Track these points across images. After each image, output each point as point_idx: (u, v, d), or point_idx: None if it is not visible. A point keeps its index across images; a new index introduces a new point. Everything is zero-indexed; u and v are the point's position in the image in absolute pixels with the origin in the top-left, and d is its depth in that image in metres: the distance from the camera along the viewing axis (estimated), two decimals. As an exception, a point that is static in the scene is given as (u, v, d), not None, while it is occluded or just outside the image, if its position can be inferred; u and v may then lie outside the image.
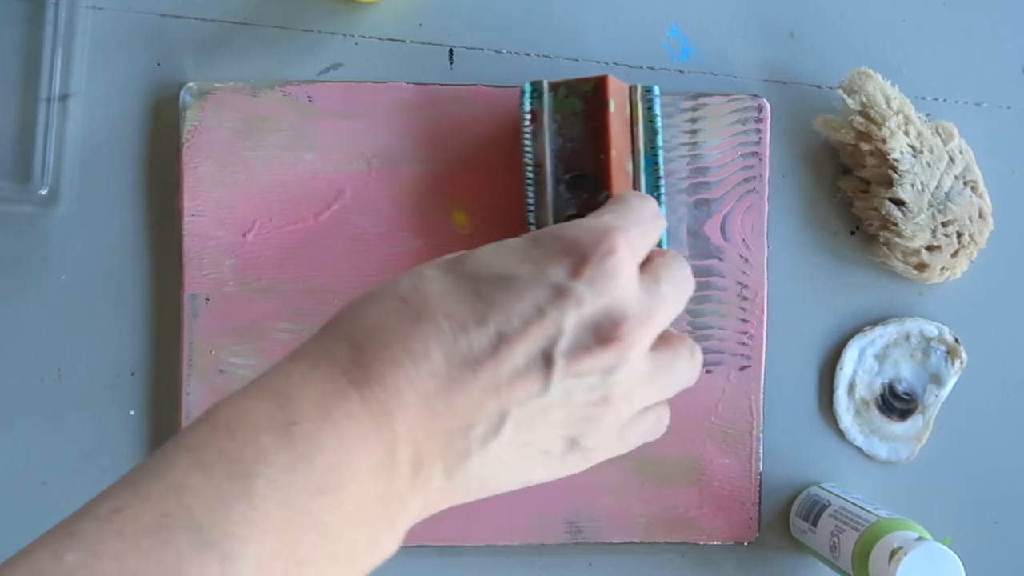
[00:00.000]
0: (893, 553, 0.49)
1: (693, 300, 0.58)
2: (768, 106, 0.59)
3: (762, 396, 0.59)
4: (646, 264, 0.44)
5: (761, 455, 0.59)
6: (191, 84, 0.57)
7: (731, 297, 0.59)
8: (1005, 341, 0.61)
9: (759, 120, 0.58)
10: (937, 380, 0.60)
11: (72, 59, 0.57)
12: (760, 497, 0.59)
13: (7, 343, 0.58)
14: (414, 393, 0.38)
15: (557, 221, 0.51)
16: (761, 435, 0.59)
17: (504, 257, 0.41)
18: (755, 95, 0.59)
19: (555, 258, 0.40)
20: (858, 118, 0.57)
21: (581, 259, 0.40)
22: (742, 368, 0.59)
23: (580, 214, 0.50)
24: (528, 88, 0.52)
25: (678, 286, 0.44)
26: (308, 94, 0.57)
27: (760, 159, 0.59)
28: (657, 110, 0.53)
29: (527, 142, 0.52)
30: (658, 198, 0.52)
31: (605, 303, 0.40)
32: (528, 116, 0.52)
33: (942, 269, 0.59)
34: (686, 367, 0.45)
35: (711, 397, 0.58)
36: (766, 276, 0.59)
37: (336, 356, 0.38)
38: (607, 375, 0.40)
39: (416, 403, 0.38)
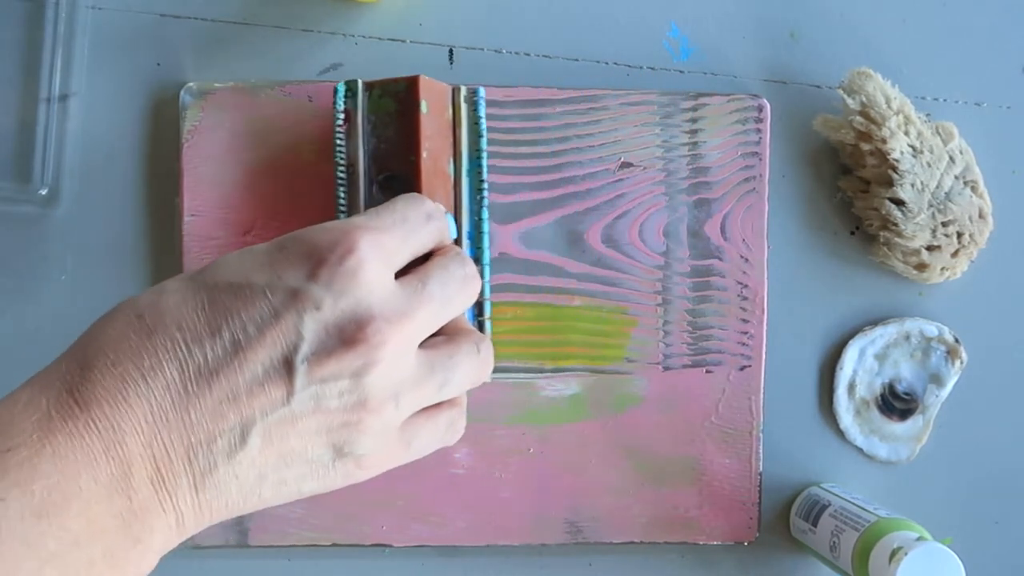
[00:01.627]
0: (893, 553, 0.49)
1: (693, 300, 0.58)
2: (768, 106, 0.59)
3: (762, 396, 0.59)
4: (420, 263, 0.43)
5: (761, 455, 0.59)
6: (191, 84, 0.57)
7: (731, 297, 0.59)
8: (1005, 341, 0.61)
9: (759, 120, 0.58)
10: (937, 380, 0.60)
11: (72, 59, 0.57)
12: (760, 497, 0.59)
13: (7, 343, 0.58)
14: (147, 409, 0.37)
15: None
16: (761, 435, 0.59)
17: (246, 263, 0.40)
18: (755, 95, 0.59)
19: (294, 262, 0.40)
20: (858, 118, 0.57)
21: (319, 261, 0.39)
22: (742, 368, 0.59)
23: None
24: (341, 88, 0.52)
25: (448, 284, 0.43)
26: (308, 94, 0.57)
27: (760, 159, 0.59)
28: (482, 112, 0.52)
29: (340, 142, 0.51)
30: (480, 201, 0.52)
31: (348, 305, 0.39)
32: (341, 116, 0.51)
33: (942, 269, 0.59)
34: (468, 364, 0.43)
35: (711, 397, 0.58)
36: (766, 276, 0.59)
37: (66, 377, 0.38)
38: (358, 378, 0.39)
39: (150, 419, 0.37)
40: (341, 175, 0.51)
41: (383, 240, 0.41)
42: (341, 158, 0.51)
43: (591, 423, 0.58)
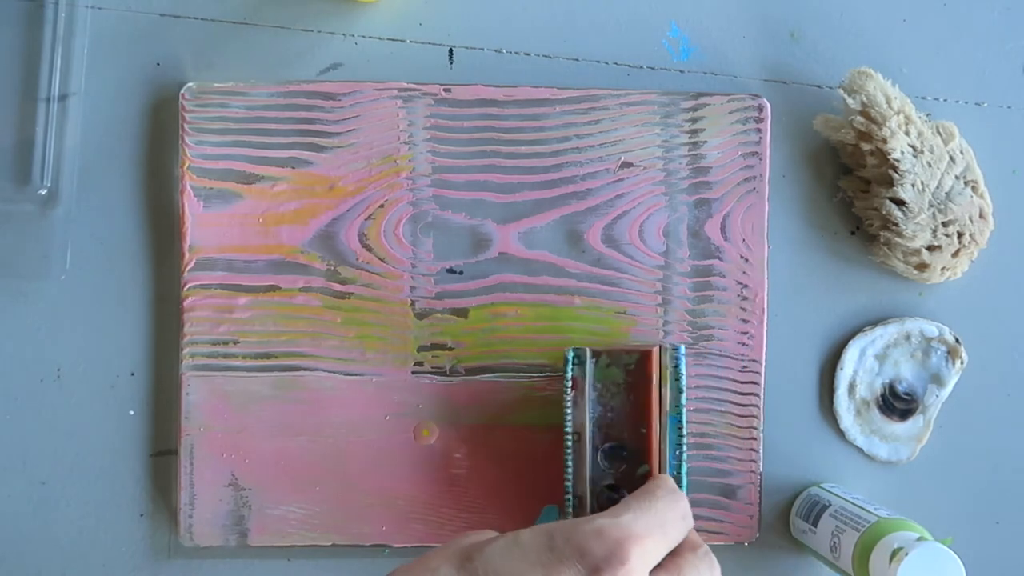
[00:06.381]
0: (894, 553, 0.49)
1: (693, 300, 0.58)
2: (768, 106, 0.58)
3: (762, 396, 0.59)
4: (670, 559, 0.45)
5: (761, 455, 0.59)
6: (191, 84, 0.57)
7: (731, 297, 0.59)
8: (1005, 341, 0.61)
9: (759, 120, 0.58)
10: (937, 380, 0.60)
11: (72, 59, 0.57)
12: (760, 497, 0.59)
13: (7, 343, 0.58)
14: None
15: (593, 489, 0.52)
16: (761, 435, 0.59)
17: (516, 560, 0.42)
18: (755, 95, 0.59)
19: (567, 564, 0.41)
20: (858, 118, 0.57)
21: (593, 570, 0.41)
22: (742, 368, 0.59)
23: (617, 485, 0.52)
24: (570, 354, 0.52)
25: None
26: (309, 94, 0.57)
27: (760, 159, 0.59)
28: (683, 368, 0.52)
29: (568, 409, 0.52)
30: (680, 456, 0.52)
31: None
32: (569, 383, 0.52)
33: (943, 269, 0.59)
34: None
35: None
36: (766, 276, 0.59)
37: None
38: None
39: None
40: (568, 443, 0.52)
41: (648, 546, 0.43)
42: (568, 425, 0.52)
43: (591, 423, 0.58)
